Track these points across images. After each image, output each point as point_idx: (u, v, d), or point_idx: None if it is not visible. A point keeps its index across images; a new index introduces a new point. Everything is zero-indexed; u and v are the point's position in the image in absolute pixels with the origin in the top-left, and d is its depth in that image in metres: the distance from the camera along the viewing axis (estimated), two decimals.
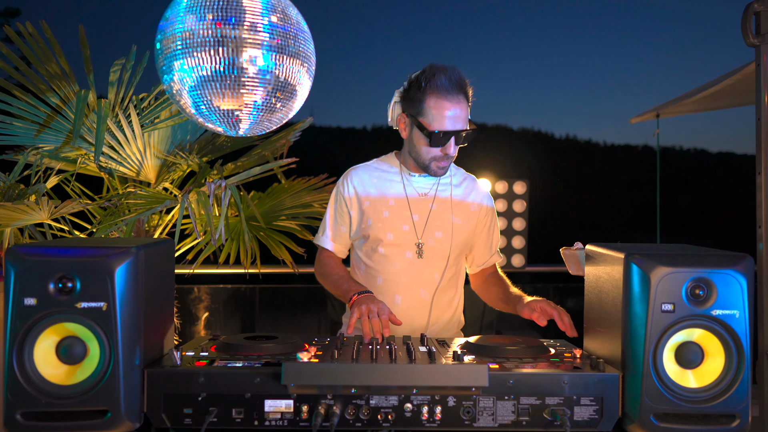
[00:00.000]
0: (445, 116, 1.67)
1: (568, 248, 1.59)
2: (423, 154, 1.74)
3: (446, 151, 1.71)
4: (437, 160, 1.74)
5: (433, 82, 1.68)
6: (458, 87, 1.67)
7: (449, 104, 1.67)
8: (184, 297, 4.24)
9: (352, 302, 1.61)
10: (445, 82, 1.67)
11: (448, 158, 1.74)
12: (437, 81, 1.67)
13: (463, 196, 1.86)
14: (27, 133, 2.42)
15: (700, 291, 1.09)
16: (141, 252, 1.12)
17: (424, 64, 1.74)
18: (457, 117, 1.68)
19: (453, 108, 1.67)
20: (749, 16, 1.94)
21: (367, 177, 1.85)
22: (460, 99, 1.68)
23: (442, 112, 1.67)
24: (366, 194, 1.82)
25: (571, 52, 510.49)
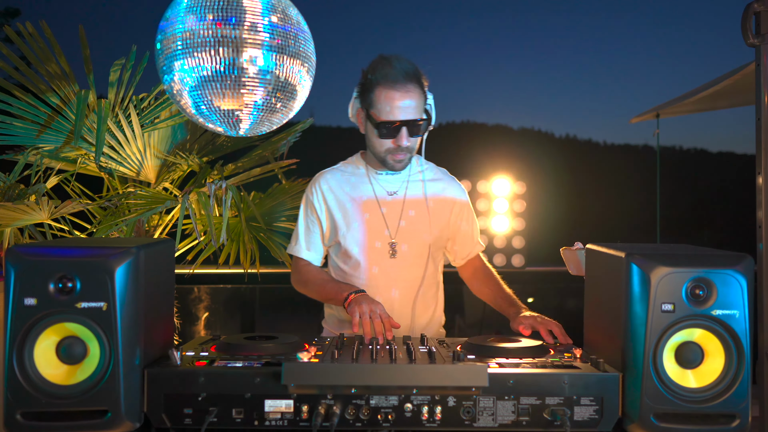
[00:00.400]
0: (393, 106, 1.63)
1: (568, 248, 1.59)
2: (377, 147, 1.71)
3: (398, 143, 1.67)
4: (392, 153, 1.70)
5: (379, 73, 1.65)
6: (406, 76, 1.64)
7: (396, 93, 1.63)
8: (184, 297, 4.24)
9: (349, 301, 1.59)
10: (391, 72, 1.63)
11: (402, 150, 1.69)
12: (384, 71, 1.64)
13: (436, 191, 1.82)
14: (27, 133, 2.42)
15: (700, 291, 1.09)
16: (141, 252, 1.12)
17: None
18: (407, 107, 1.64)
19: (400, 97, 1.63)
20: (749, 16, 1.94)
21: (335, 182, 1.81)
22: (408, 88, 1.64)
23: (389, 102, 1.64)
24: (335, 199, 1.79)
25: (572, 51, 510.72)
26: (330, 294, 1.71)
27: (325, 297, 1.76)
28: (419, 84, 1.68)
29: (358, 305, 1.52)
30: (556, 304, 4.66)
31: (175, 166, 2.62)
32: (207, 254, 2.69)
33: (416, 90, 1.66)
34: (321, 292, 1.76)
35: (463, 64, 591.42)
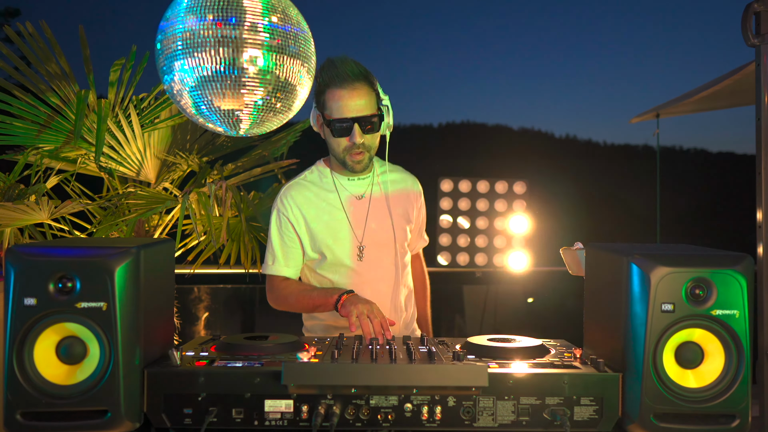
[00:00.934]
0: (342, 104, 1.67)
1: (568, 248, 1.59)
2: (335, 148, 1.74)
3: (353, 140, 1.69)
4: (349, 152, 1.72)
5: (326, 75, 1.68)
6: (352, 75, 1.67)
7: (343, 92, 1.66)
8: (184, 297, 4.24)
9: (342, 302, 1.59)
10: (337, 72, 1.67)
11: (357, 148, 1.71)
12: (330, 73, 1.68)
13: (398, 189, 1.88)
14: (27, 133, 2.42)
15: (700, 291, 1.09)
16: (141, 252, 1.12)
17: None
18: (356, 104, 1.67)
19: (349, 95, 1.66)
20: (749, 16, 1.94)
21: (305, 194, 1.80)
22: (355, 86, 1.67)
23: (337, 101, 1.67)
24: (309, 213, 1.78)
25: (572, 52, 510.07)
26: (317, 301, 1.69)
27: (312, 306, 1.72)
28: (368, 83, 1.70)
29: (353, 306, 1.52)
30: (556, 304, 4.66)
31: (175, 166, 2.62)
32: (207, 254, 2.69)
33: (364, 88, 1.69)
34: (306, 302, 1.73)
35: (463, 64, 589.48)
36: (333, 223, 1.78)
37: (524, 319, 4.55)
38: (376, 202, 1.83)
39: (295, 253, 1.80)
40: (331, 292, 1.65)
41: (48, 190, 2.46)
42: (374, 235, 1.80)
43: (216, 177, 2.56)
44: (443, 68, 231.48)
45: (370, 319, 1.48)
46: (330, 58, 1.71)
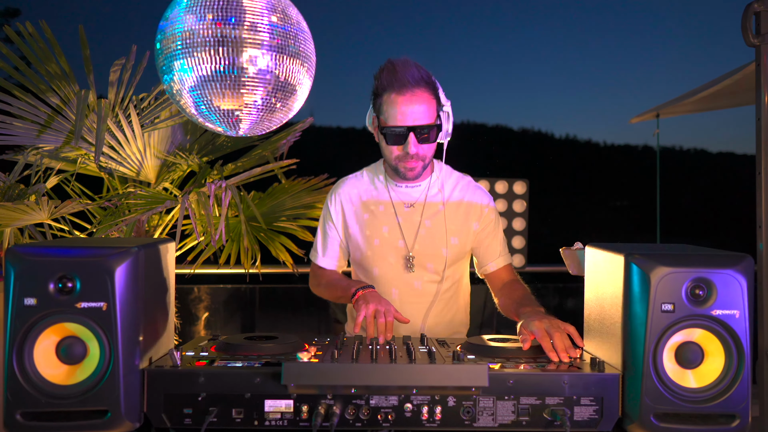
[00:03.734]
0: (399, 111, 1.59)
1: (568, 248, 1.59)
2: (388, 155, 1.68)
3: (406, 150, 1.62)
4: (402, 160, 1.65)
5: (386, 78, 1.61)
6: (412, 80, 1.58)
7: (401, 98, 1.59)
8: (184, 297, 4.24)
9: (357, 297, 1.58)
10: (396, 77, 1.59)
11: (411, 158, 1.64)
12: (390, 76, 1.60)
13: (458, 202, 1.77)
14: (27, 133, 2.42)
15: (700, 291, 1.09)
16: (141, 252, 1.12)
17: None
18: (414, 112, 1.59)
19: (405, 102, 1.58)
20: (749, 16, 1.94)
21: (355, 191, 1.80)
22: (414, 93, 1.59)
23: (394, 108, 1.59)
24: (353, 211, 1.78)
25: (572, 52, 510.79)
26: (339, 292, 1.71)
27: (336, 295, 1.75)
28: (429, 89, 1.62)
29: (364, 303, 1.50)
30: (556, 304, 4.66)
31: (175, 166, 2.62)
32: (207, 255, 2.69)
33: (424, 95, 1.61)
34: (332, 291, 1.76)
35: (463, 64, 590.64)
36: (377, 227, 1.75)
37: None
38: (429, 213, 1.75)
39: (333, 246, 1.83)
40: (352, 285, 1.65)
41: (48, 190, 2.46)
42: (423, 247, 1.73)
43: (216, 177, 2.56)
44: (443, 68, 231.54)
45: (376, 318, 1.45)
46: (391, 60, 1.63)
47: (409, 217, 1.76)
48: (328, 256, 1.84)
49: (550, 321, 1.36)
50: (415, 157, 1.64)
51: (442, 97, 1.68)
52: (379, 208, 1.77)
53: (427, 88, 1.62)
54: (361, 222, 1.77)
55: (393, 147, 1.65)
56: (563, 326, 1.35)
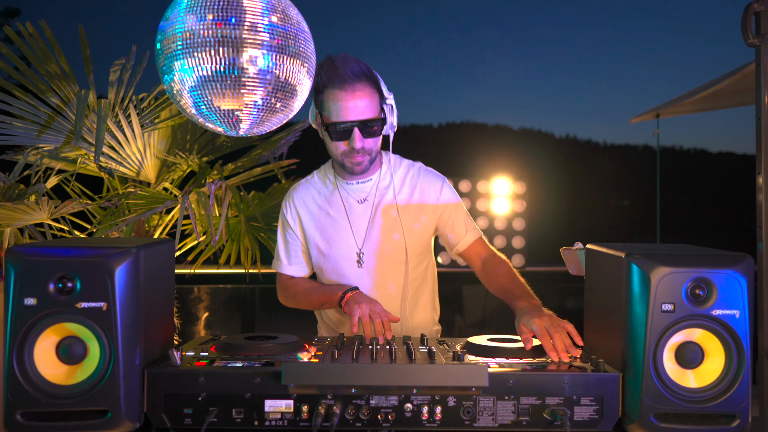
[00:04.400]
0: (340, 107, 1.59)
1: (568, 248, 1.59)
2: (334, 151, 1.68)
3: (352, 145, 1.62)
4: (348, 155, 1.65)
5: (325, 74, 1.62)
6: (353, 75, 1.58)
7: (342, 93, 1.59)
8: (184, 297, 4.24)
9: (346, 300, 1.58)
10: (336, 72, 1.59)
11: (357, 152, 1.63)
12: (329, 72, 1.60)
13: (409, 190, 1.76)
14: (27, 133, 2.42)
15: (700, 291, 1.09)
16: (141, 252, 1.12)
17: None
18: (356, 107, 1.59)
19: (346, 96, 1.58)
20: (749, 16, 1.94)
21: (308, 196, 1.80)
22: (355, 87, 1.59)
23: (336, 103, 1.60)
24: (308, 214, 1.79)
25: (571, 52, 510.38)
26: (323, 298, 1.69)
27: (318, 303, 1.72)
28: (370, 82, 1.62)
29: (357, 304, 1.51)
30: (556, 304, 4.66)
31: (175, 166, 2.61)
32: (207, 254, 2.69)
33: (366, 89, 1.61)
34: (312, 298, 1.73)
35: (463, 64, 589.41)
36: (330, 226, 1.76)
37: None
38: (382, 206, 1.75)
39: (298, 252, 1.81)
40: (335, 290, 1.64)
41: (48, 190, 2.46)
42: (375, 242, 1.74)
43: (216, 177, 2.56)
44: (443, 68, 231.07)
45: (372, 318, 1.48)
46: (330, 56, 1.65)
47: (362, 213, 1.75)
48: (294, 263, 1.82)
49: (551, 319, 1.36)
50: (361, 151, 1.64)
51: (384, 90, 1.66)
52: (331, 208, 1.77)
53: (368, 81, 1.61)
54: (316, 224, 1.78)
55: (338, 143, 1.64)
56: (563, 324, 1.35)
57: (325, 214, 1.77)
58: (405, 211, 1.75)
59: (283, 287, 1.83)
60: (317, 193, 1.80)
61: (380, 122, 1.64)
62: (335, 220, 1.76)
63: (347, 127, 1.61)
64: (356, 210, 1.76)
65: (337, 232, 1.76)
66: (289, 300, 1.82)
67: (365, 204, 1.76)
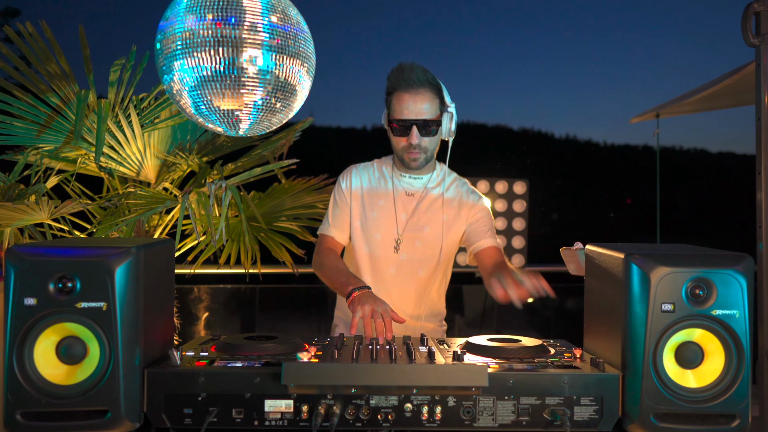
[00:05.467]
0: (404, 107, 1.79)
1: (568, 248, 1.59)
2: (395, 145, 1.87)
3: (409, 141, 1.81)
4: (406, 150, 1.84)
5: (394, 79, 1.82)
6: (417, 81, 1.78)
7: (406, 95, 1.79)
8: (184, 297, 4.24)
9: (352, 298, 1.60)
10: (403, 77, 1.79)
11: (413, 148, 1.82)
12: (398, 77, 1.81)
13: (453, 195, 1.95)
14: (27, 133, 2.42)
15: (700, 291, 1.09)
16: (141, 252, 1.12)
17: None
18: (417, 108, 1.79)
19: (410, 99, 1.79)
20: (749, 16, 1.94)
21: (365, 176, 1.97)
22: (418, 91, 1.79)
23: (400, 104, 1.80)
24: (360, 192, 1.94)
25: (571, 52, 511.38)
26: (337, 284, 1.77)
27: (334, 286, 1.81)
28: (432, 90, 1.81)
29: (360, 305, 1.52)
30: (556, 304, 4.67)
31: (175, 166, 2.62)
32: (207, 254, 2.69)
33: (427, 94, 1.80)
34: (332, 279, 1.82)
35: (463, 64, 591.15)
36: (377, 210, 1.91)
37: (524, 319, 4.55)
38: (427, 204, 1.92)
39: (343, 218, 1.94)
40: (350, 282, 1.69)
41: (48, 190, 2.46)
42: (414, 232, 1.89)
43: (216, 177, 2.56)
44: (443, 68, 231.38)
45: (374, 318, 1.48)
46: (401, 63, 1.83)
47: (407, 204, 1.92)
48: (336, 227, 1.94)
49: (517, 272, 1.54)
50: (417, 148, 1.83)
51: (447, 99, 1.85)
52: (381, 193, 1.94)
53: (431, 88, 1.81)
54: (364, 201, 1.93)
55: (398, 138, 1.84)
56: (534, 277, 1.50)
57: (375, 195, 1.94)
58: (446, 212, 1.93)
59: (320, 251, 1.93)
60: (373, 175, 1.97)
61: (436, 123, 1.83)
62: (382, 205, 1.92)
63: (407, 124, 1.81)
64: (403, 200, 1.93)
65: (382, 216, 1.91)
66: (317, 266, 1.90)
67: (412, 197, 1.93)
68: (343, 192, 1.95)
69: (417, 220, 1.91)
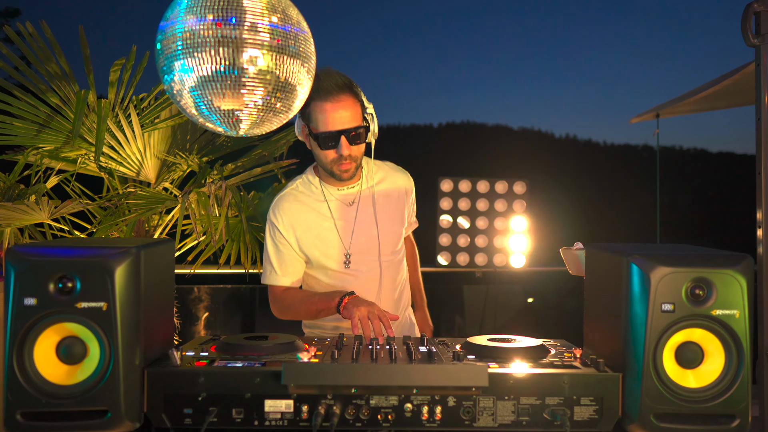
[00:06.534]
0: (327, 118, 1.68)
1: (568, 248, 1.59)
2: (323, 159, 1.76)
3: (339, 152, 1.71)
4: (336, 162, 1.74)
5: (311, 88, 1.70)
6: (336, 87, 1.68)
7: (328, 105, 1.68)
8: (184, 297, 4.24)
9: (344, 305, 1.61)
10: (321, 85, 1.68)
11: (344, 159, 1.72)
12: (315, 85, 1.68)
13: (388, 190, 1.89)
14: (27, 133, 2.42)
15: (700, 291, 1.09)
16: (141, 252, 1.12)
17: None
18: (342, 116, 1.69)
19: (334, 108, 1.68)
20: (749, 16, 1.94)
21: (297, 205, 1.83)
22: (340, 98, 1.69)
23: (323, 114, 1.69)
24: (298, 225, 1.81)
25: (571, 52, 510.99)
26: (320, 305, 1.71)
27: (315, 312, 1.74)
28: (352, 93, 1.72)
29: (355, 308, 1.53)
30: (556, 304, 4.66)
31: (175, 166, 2.62)
32: (207, 254, 2.69)
33: (349, 99, 1.70)
34: (309, 308, 1.75)
35: (463, 64, 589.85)
36: (322, 232, 1.81)
37: (524, 319, 4.54)
38: (365, 208, 1.85)
39: (292, 262, 1.82)
40: (332, 296, 1.67)
41: (48, 190, 2.46)
42: (360, 243, 1.83)
43: (216, 177, 2.56)
44: (443, 68, 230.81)
45: (371, 319, 1.49)
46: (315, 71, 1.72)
47: (347, 216, 1.84)
48: (287, 273, 1.82)
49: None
50: (348, 158, 1.73)
51: (364, 100, 1.76)
52: (319, 213, 1.82)
53: (350, 93, 1.72)
54: (309, 231, 1.81)
55: (327, 151, 1.73)
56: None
57: (316, 220, 1.81)
58: (385, 207, 1.88)
59: (277, 299, 1.83)
60: (305, 200, 1.84)
61: (364, 130, 1.73)
62: (324, 226, 1.81)
63: (334, 135, 1.69)
64: (345, 213, 1.83)
65: (328, 237, 1.81)
66: (284, 311, 1.82)
67: (353, 206, 1.85)
68: (281, 232, 1.81)
69: (363, 228, 1.84)
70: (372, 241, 1.85)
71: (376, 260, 1.85)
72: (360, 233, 1.83)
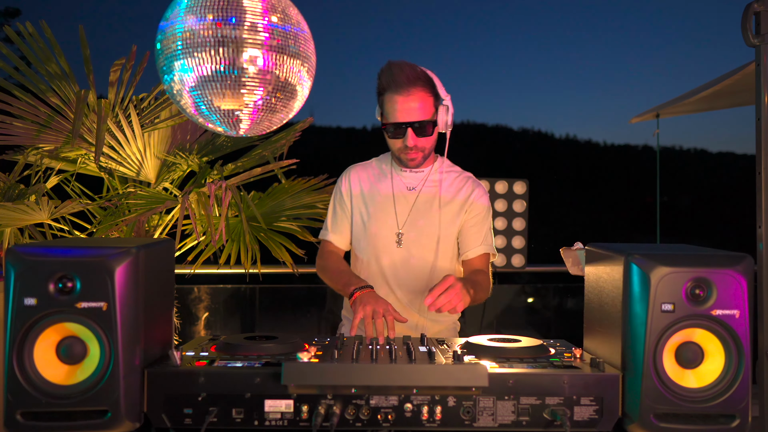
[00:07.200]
0: (396, 109, 1.75)
1: (568, 248, 1.59)
2: (391, 146, 1.85)
3: (405, 143, 1.78)
4: (403, 151, 1.82)
5: (384, 79, 1.77)
6: (408, 80, 1.73)
7: (398, 97, 1.74)
8: (184, 297, 4.24)
9: (354, 299, 1.61)
10: (393, 77, 1.74)
11: (409, 150, 1.80)
12: (388, 77, 1.76)
13: (452, 191, 1.91)
14: (27, 133, 2.42)
15: (700, 291, 1.09)
16: (141, 252, 1.12)
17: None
18: (410, 109, 1.74)
19: (402, 100, 1.74)
20: (749, 16, 1.94)
21: (364, 174, 1.95)
22: (410, 91, 1.73)
23: (393, 105, 1.76)
24: (359, 191, 1.93)
25: (571, 52, 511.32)
26: (340, 286, 1.78)
27: (338, 286, 1.81)
28: (425, 87, 1.75)
29: (361, 305, 1.54)
30: (556, 304, 4.66)
31: (175, 166, 2.62)
32: (207, 254, 2.69)
33: (419, 93, 1.74)
34: (335, 280, 1.83)
35: (463, 64, 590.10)
36: (378, 207, 1.89)
37: (524, 319, 4.55)
38: (424, 197, 1.90)
39: (343, 223, 1.94)
40: (352, 282, 1.70)
41: (48, 190, 2.46)
42: (415, 226, 1.87)
43: (216, 177, 2.56)
44: (443, 68, 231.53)
45: (375, 318, 1.49)
46: (390, 62, 1.79)
47: (405, 200, 1.90)
48: (336, 232, 1.95)
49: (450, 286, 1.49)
50: (414, 149, 1.81)
51: (441, 91, 1.80)
52: (382, 190, 1.92)
53: (423, 86, 1.75)
54: (366, 200, 1.91)
55: (395, 140, 1.81)
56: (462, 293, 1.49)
57: (376, 193, 1.91)
58: (446, 207, 1.89)
59: (321, 255, 1.94)
60: (372, 174, 1.96)
61: (431, 124, 1.79)
62: (383, 202, 1.90)
63: (401, 127, 1.77)
64: (403, 195, 1.90)
65: (383, 212, 1.89)
66: (321, 270, 1.92)
67: (412, 192, 1.91)
68: (343, 195, 1.94)
69: (417, 214, 1.88)
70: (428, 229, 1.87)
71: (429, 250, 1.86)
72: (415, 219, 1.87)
